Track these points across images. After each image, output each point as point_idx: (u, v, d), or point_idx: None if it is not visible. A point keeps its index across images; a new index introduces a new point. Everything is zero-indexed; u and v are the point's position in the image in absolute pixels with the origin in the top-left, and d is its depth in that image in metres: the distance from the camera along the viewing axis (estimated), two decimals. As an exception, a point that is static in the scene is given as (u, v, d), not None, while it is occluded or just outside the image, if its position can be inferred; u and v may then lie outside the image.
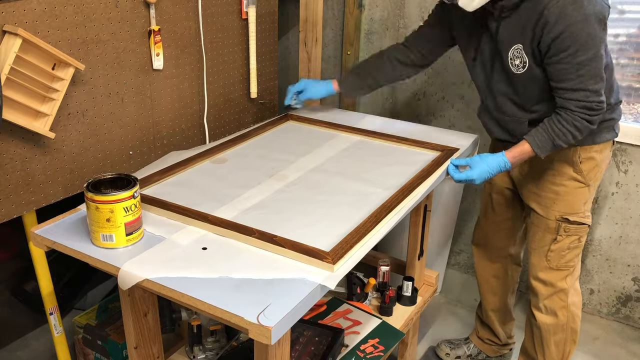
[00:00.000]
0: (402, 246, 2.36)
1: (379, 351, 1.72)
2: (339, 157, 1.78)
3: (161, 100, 1.85)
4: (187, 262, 1.22)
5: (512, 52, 1.61)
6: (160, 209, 1.41)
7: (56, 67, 1.49)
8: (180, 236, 1.32)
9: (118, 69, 1.68)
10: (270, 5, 2.20)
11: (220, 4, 1.96)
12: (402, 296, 1.96)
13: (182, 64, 1.88)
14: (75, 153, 1.63)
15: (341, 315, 1.86)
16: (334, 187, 1.58)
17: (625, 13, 2.12)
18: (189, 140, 1.99)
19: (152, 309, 1.50)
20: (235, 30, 2.06)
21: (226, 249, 1.28)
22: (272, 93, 2.33)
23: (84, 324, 1.93)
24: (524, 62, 1.60)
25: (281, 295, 1.12)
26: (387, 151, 1.83)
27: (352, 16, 2.55)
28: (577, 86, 1.54)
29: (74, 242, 1.29)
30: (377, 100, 2.68)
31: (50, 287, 1.73)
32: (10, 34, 1.37)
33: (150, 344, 1.53)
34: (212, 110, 2.04)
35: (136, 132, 1.79)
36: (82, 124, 1.62)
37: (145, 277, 1.17)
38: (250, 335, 1.05)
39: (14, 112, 1.41)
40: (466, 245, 2.69)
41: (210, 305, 1.09)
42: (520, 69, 1.62)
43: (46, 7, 1.45)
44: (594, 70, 1.53)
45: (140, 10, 1.70)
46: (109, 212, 1.23)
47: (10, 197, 1.49)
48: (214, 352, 1.70)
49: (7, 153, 1.46)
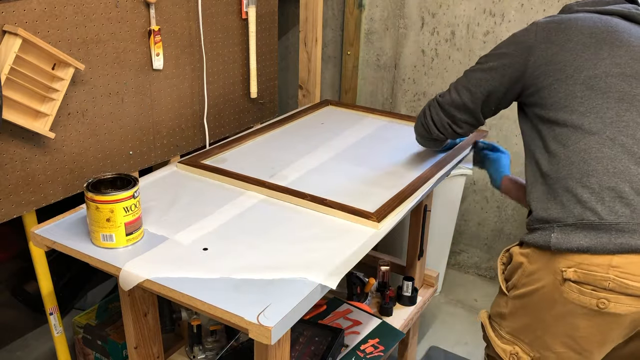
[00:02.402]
0: (402, 246, 2.36)
1: (379, 351, 1.72)
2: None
3: (161, 100, 1.85)
4: (188, 263, 1.22)
5: None
6: (221, 176, 1.59)
7: (56, 67, 1.49)
8: (182, 236, 1.32)
9: (118, 69, 1.68)
10: (270, 5, 2.20)
11: (220, 4, 1.96)
12: (402, 296, 1.96)
13: (182, 64, 1.88)
14: (75, 153, 1.63)
15: (341, 315, 1.86)
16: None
17: (625, 13, 2.12)
18: (189, 140, 1.99)
19: (152, 309, 1.50)
20: (235, 30, 2.06)
21: (226, 248, 1.28)
22: (272, 93, 2.33)
23: (84, 324, 1.93)
24: None
25: (281, 295, 1.12)
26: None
27: (352, 16, 2.56)
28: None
29: (74, 242, 1.29)
30: (377, 100, 2.68)
31: (50, 287, 1.73)
32: (10, 34, 1.37)
33: (150, 344, 1.53)
34: (212, 110, 2.04)
35: (136, 132, 1.79)
36: (82, 124, 1.62)
37: (147, 278, 1.17)
38: (250, 335, 1.05)
39: (14, 112, 1.41)
40: (466, 245, 2.69)
41: (210, 305, 1.09)
42: None
43: (46, 7, 1.45)
44: (467, 81, 1.49)
45: (140, 10, 1.70)
46: (109, 212, 1.23)
47: (10, 197, 1.49)
48: (214, 352, 1.70)
49: (7, 153, 1.46)
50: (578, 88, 1.28)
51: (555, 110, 1.30)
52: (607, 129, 1.24)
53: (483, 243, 2.67)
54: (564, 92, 1.29)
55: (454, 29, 2.41)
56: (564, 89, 1.29)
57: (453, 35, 2.42)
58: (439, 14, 2.43)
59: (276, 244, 1.31)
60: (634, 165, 1.22)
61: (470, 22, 2.37)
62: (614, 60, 1.28)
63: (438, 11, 2.43)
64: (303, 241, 1.32)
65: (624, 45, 1.29)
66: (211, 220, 1.39)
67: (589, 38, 1.31)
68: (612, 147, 1.23)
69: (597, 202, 1.21)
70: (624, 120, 1.24)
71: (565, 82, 1.29)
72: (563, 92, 1.29)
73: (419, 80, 2.54)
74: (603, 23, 1.33)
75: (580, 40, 1.31)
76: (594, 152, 1.24)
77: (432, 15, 2.44)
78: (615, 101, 1.25)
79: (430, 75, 2.51)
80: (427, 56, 2.50)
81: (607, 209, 1.20)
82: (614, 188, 1.20)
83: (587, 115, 1.26)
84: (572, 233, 1.22)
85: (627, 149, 1.22)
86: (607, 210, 1.20)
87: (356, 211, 1.41)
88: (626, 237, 1.18)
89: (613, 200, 1.20)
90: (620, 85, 1.26)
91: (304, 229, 1.38)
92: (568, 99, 1.28)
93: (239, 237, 1.33)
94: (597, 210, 1.20)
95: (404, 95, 2.60)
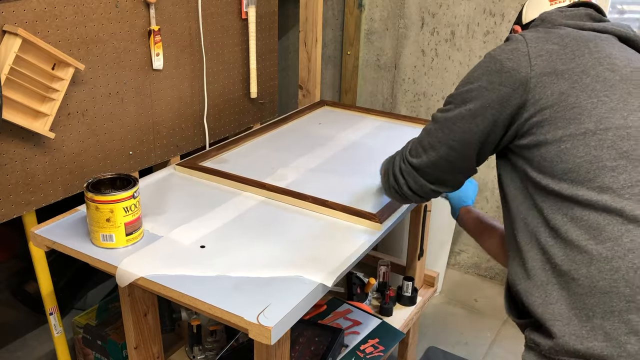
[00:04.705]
0: (402, 246, 2.36)
1: (379, 351, 1.72)
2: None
3: (161, 100, 1.85)
4: (185, 260, 1.23)
5: None
6: (220, 178, 1.58)
7: (56, 67, 1.49)
8: (181, 235, 1.32)
9: (118, 69, 1.68)
10: (270, 5, 2.20)
11: (220, 4, 1.96)
12: (402, 296, 1.95)
13: (182, 64, 1.88)
14: (75, 153, 1.62)
15: (341, 315, 1.86)
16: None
17: (625, 13, 2.12)
18: (188, 140, 1.99)
19: (152, 309, 1.50)
20: (235, 30, 2.06)
21: (224, 246, 1.28)
22: (272, 93, 2.33)
23: (84, 324, 1.93)
24: None
25: (281, 295, 1.12)
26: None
27: (352, 16, 2.56)
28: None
29: (74, 242, 1.29)
30: (377, 100, 2.68)
31: (50, 287, 1.72)
32: (10, 34, 1.37)
33: (150, 344, 1.53)
34: (212, 110, 2.04)
35: (136, 132, 1.79)
36: (82, 124, 1.62)
37: (143, 275, 1.17)
38: (250, 335, 1.05)
39: (14, 112, 1.41)
40: (466, 245, 2.69)
41: (210, 305, 1.09)
42: None
43: (46, 7, 1.45)
44: (427, 138, 1.13)
45: (140, 10, 1.70)
46: (109, 212, 1.23)
47: (10, 197, 1.49)
48: (214, 352, 1.70)
49: (7, 153, 1.46)
50: (606, 154, 0.92)
51: (572, 182, 0.94)
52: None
53: (483, 243, 2.67)
54: (584, 158, 0.93)
55: (454, 29, 2.41)
56: (583, 152, 0.93)
57: (453, 35, 2.42)
58: (439, 14, 2.43)
59: (275, 243, 1.31)
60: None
61: (470, 22, 2.37)
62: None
63: (438, 11, 2.43)
64: (302, 241, 1.32)
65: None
66: (210, 220, 1.39)
67: (611, 73, 0.96)
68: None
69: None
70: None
71: (584, 142, 0.93)
72: (583, 156, 0.93)
73: (419, 80, 2.54)
74: (621, 52, 1.00)
75: (600, 75, 0.96)
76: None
77: (432, 15, 2.44)
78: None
79: (430, 75, 2.51)
80: (427, 56, 2.50)
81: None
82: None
83: (625, 196, 0.90)
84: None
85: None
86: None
87: (358, 212, 1.41)
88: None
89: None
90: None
91: (304, 229, 1.38)
92: (592, 168, 0.92)
93: (238, 236, 1.33)
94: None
95: (404, 96, 2.60)
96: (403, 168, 1.20)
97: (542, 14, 1.11)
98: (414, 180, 1.18)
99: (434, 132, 1.11)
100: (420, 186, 1.18)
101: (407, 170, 1.18)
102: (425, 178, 1.16)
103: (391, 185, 1.25)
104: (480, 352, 2.27)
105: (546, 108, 0.96)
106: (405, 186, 1.20)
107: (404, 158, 1.20)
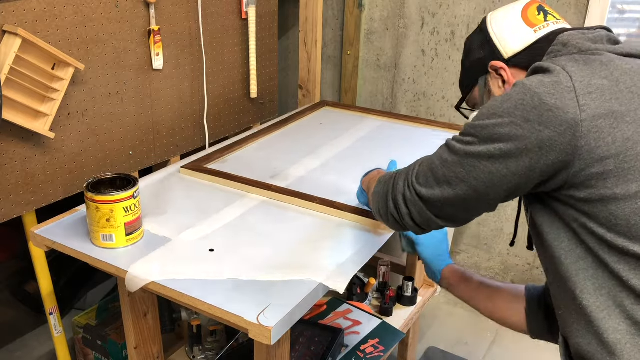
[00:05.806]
0: (402, 246, 2.36)
1: (379, 351, 1.72)
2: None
3: (161, 100, 1.84)
4: (195, 265, 1.22)
5: None
6: (225, 180, 1.57)
7: (56, 67, 1.49)
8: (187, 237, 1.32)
9: (118, 69, 1.68)
10: (270, 5, 2.20)
11: (220, 4, 1.96)
12: (402, 296, 1.95)
13: (182, 64, 1.88)
14: (75, 153, 1.62)
15: (341, 315, 1.86)
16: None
17: (626, 13, 2.12)
18: (188, 140, 1.99)
19: (152, 309, 1.50)
20: (235, 30, 2.06)
21: (232, 250, 1.28)
22: (272, 93, 2.33)
23: (84, 324, 1.92)
24: None
25: (281, 295, 1.12)
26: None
27: (352, 16, 2.56)
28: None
29: (74, 242, 1.29)
30: (377, 100, 2.68)
31: (50, 287, 1.72)
32: (10, 34, 1.37)
33: (150, 344, 1.53)
34: (212, 110, 2.04)
35: (136, 132, 1.79)
36: (82, 124, 1.62)
37: (153, 280, 1.16)
38: (250, 336, 1.05)
39: (14, 112, 1.41)
40: (466, 245, 2.69)
41: (211, 305, 1.09)
42: None
43: (46, 7, 1.45)
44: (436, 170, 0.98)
45: (140, 10, 1.70)
46: (108, 212, 1.23)
47: (10, 197, 1.49)
48: (214, 352, 1.70)
49: (7, 153, 1.46)
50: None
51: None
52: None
53: (483, 243, 2.67)
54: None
55: (454, 29, 2.41)
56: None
57: (453, 35, 2.42)
58: (439, 14, 2.43)
59: (281, 245, 1.31)
60: None
61: (470, 22, 2.37)
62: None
63: (438, 11, 2.43)
64: (307, 242, 1.32)
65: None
66: (215, 222, 1.39)
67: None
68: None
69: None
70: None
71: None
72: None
73: (419, 80, 2.54)
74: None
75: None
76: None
77: (432, 15, 2.44)
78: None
79: (430, 75, 2.50)
80: (427, 56, 2.50)
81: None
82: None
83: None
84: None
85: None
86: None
87: (367, 213, 1.41)
88: None
89: None
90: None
91: (308, 230, 1.38)
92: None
93: (246, 238, 1.33)
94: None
95: (404, 96, 2.60)
96: (408, 196, 1.04)
97: (561, 38, 0.96)
98: (419, 212, 1.03)
99: (452, 165, 0.95)
100: (426, 220, 1.03)
101: (413, 200, 1.03)
102: (433, 212, 1.01)
103: (390, 211, 1.09)
104: (480, 352, 2.27)
105: (608, 158, 0.82)
106: (407, 216, 1.05)
107: (410, 184, 1.03)
